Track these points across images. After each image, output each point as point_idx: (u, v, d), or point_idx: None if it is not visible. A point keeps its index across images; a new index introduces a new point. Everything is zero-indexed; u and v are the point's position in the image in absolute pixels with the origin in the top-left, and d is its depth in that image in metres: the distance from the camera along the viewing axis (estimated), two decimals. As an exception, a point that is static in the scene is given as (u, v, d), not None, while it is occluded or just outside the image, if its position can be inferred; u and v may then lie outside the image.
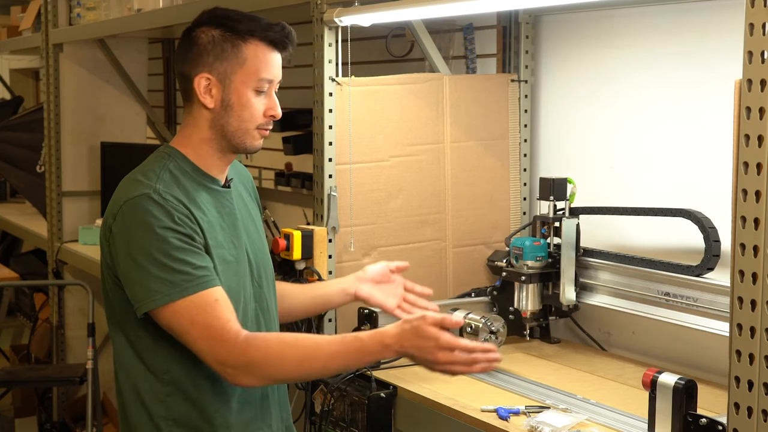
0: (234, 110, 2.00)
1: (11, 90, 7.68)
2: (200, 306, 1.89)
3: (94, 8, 4.35)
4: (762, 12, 1.49)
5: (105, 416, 4.58)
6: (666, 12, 2.56)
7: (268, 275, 2.16)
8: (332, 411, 2.43)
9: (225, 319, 1.90)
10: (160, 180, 1.97)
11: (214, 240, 1.99)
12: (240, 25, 2.00)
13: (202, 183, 2.04)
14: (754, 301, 1.53)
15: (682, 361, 2.49)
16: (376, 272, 2.39)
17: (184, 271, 1.89)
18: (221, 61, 1.99)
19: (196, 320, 1.89)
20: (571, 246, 2.59)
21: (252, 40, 1.99)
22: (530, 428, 2.00)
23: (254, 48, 1.99)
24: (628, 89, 2.68)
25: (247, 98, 2.00)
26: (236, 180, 2.17)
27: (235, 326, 1.91)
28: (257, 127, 2.03)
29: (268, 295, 2.15)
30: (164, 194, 1.93)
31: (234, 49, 1.99)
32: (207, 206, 2.02)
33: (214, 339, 1.89)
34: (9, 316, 6.31)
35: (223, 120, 2.01)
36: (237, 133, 2.02)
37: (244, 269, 2.06)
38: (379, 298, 2.37)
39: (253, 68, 1.99)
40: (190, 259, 1.90)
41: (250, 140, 2.03)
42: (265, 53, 2.00)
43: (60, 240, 4.71)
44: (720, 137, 2.39)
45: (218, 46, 1.99)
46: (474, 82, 2.88)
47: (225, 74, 1.99)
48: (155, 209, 1.90)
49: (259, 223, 2.21)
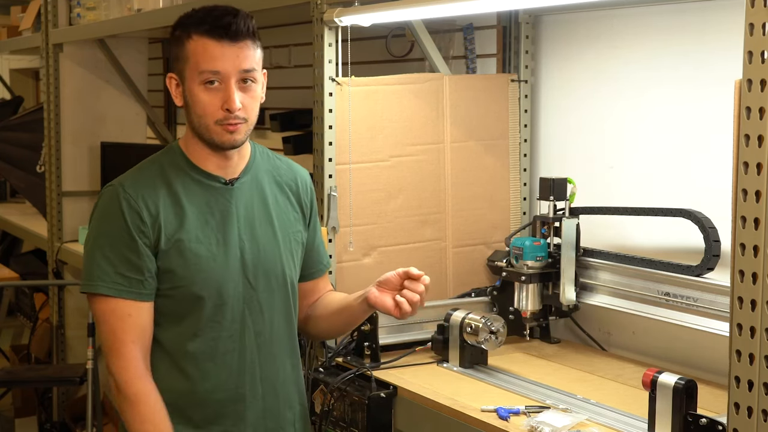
0: (191, 107, 2.03)
1: (11, 90, 7.68)
2: (113, 311, 2.00)
3: (94, 8, 4.35)
4: (762, 12, 1.49)
5: (105, 416, 4.57)
6: (666, 12, 2.56)
7: (272, 279, 2.11)
8: (332, 411, 2.43)
9: (129, 338, 1.99)
10: (140, 172, 2.06)
11: (188, 234, 2.02)
12: (188, 20, 2.02)
13: (194, 178, 2.07)
14: (754, 301, 1.53)
15: (682, 361, 2.49)
16: (390, 281, 2.16)
17: (109, 270, 1.99)
18: (177, 60, 2.04)
19: (106, 320, 2.01)
20: (571, 246, 2.59)
21: (194, 34, 2.00)
22: (530, 428, 2.00)
23: (195, 42, 1.99)
24: (628, 89, 2.68)
25: (194, 93, 2.01)
26: (267, 178, 2.14)
27: (134, 351, 1.99)
28: (216, 122, 2.00)
29: (267, 299, 2.11)
30: (127, 188, 2.02)
31: (181, 47, 2.02)
32: (193, 200, 2.04)
33: (112, 348, 2.00)
34: (9, 316, 6.30)
35: (189, 117, 2.06)
36: (200, 130, 2.03)
37: (227, 267, 2.05)
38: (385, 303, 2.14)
39: (194, 63, 1.99)
40: (120, 263, 1.99)
41: (215, 135, 2.02)
42: (205, 46, 1.98)
43: (60, 240, 4.71)
44: (720, 137, 2.38)
45: (174, 46, 2.04)
46: (474, 82, 2.88)
47: (181, 73, 2.03)
48: (112, 202, 2.01)
49: (283, 225, 2.14)
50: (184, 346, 2.04)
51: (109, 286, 1.98)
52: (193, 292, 2.02)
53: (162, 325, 2.04)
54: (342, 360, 2.54)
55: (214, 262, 2.04)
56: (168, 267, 2.01)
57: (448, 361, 2.50)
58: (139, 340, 1.99)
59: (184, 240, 2.01)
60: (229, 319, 2.06)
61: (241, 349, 2.07)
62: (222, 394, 2.06)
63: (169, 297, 2.03)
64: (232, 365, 2.07)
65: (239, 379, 2.07)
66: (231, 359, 2.06)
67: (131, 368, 1.98)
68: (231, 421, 2.08)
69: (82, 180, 4.74)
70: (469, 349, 2.47)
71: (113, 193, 2.02)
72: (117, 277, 1.98)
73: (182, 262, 2.01)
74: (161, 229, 2.00)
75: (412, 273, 2.10)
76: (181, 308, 2.04)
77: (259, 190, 2.13)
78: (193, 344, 2.04)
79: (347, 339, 2.62)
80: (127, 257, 1.98)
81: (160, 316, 2.04)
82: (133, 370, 1.98)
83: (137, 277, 1.99)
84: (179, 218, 2.02)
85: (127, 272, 1.98)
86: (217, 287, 2.04)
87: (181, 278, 2.02)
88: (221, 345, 2.06)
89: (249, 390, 2.09)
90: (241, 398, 2.08)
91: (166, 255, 2.01)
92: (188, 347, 2.04)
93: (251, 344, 2.09)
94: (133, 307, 1.99)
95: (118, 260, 1.98)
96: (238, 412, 2.08)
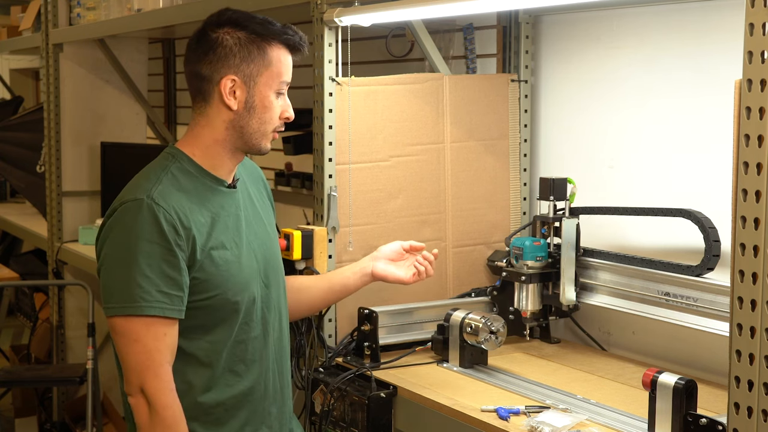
0: (257, 112, 2.03)
1: (11, 90, 7.68)
2: (150, 330, 1.91)
3: (94, 8, 4.35)
4: (762, 12, 1.49)
5: (105, 416, 4.58)
6: (666, 12, 2.56)
7: (278, 275, 2.16)
8: (332, 411, 2.43)
9: (165, 359, 1.94)
10: (160, 183, 1.98)
11: (216, 241, 2.00)
12: (262, 28, 2.02)
13: (206, 184, 2.04)
14: (754, 301, 1.53)
15: (682, 361, 2.49)
16: (390, 251, 2.43)
17: (150, 289, 1.90)
18: (248, 63, 2.01)
19: (140, 340, 1.91)
20: (571, 246, 2.59)
21: (275, 43, 2.02)
22: (530, 428, 2.00)
23: (278, 51, 2.03)
24: (628, 89, 2.68)
25: (270, 100, 2.03)
26: (245, 178, 2.18)
27: (169, 373, 1.94)
28: (275, 129, 2.07)
29: (275, 295, 2.15)
30: (158, 200, 1.93)
31: (260, 52, 2.01)
32: (209, 207, 2.02)
33: (148, 369, 1.92)
34: (9, 316, 6.30)
35: (244, 121, 2.03)
36: (255, 135, 2.04)
37: (249, 269, 2.06)
38: (396, 273, 2.41)
39: (277, 71, 2.03)
40: (161, 280, 1.91)
41: (265, 141, 2.07)
42: (286, 56, 2.05)
43: (60, 240, 4.71)
44: (720, 137, 2.39)
45: (245, 48, 2.00)
46: (474, 82, 2.88)
47: (250, 76, 2.01)
48: (144, 217, 1.91)
49: (269, 220, 2.21)
50: (218, 355, 2.03)
51: (154, 306, 1.90)
52: (228, 298, 2.01)
53: (189, 337, 2.00)
54: (342, 360, 2.54)
55: (240, 266, 2.04)
56: (203, 277, 1.98)
57: (448, 361, 2.50)
58: (172, 360, 1.96)
59: (215, 248, 2.00)
60: (255, 320, 2.07)
61: (264, 348, 2.10)
62: (254, 394, 2.08)
63: (201, 308, 1.99)
64: (261, 364, 2.09)
65: (265, 377, 2.10)
66: (259, 358, 2.09)
67: (168, 390, 1.93)
68: (260, 419, 2.10)
69: (82, 180, 4.74)
70: (469, 349, 2.47)
71: (144, 207, 1.92)
72: (160, 296, 1.90)
73: (215, 270, 1.99)
74: (195, 239, 1.96)
75: (416, 245, 2.42)
76: (214, 317, 2.01)
77: (246, 189, 2.17)
78: (227, 351, 2.03)
79: (347, 339, 2.62)
80: (167, 274, 1.92)
81: (189, 329, 1.99)
82: (170, 392, 1.93)
83: (178, 294, 1.93)
84: (206, 226, 2.00)
85: (169, 289, 1.92)
86: (248, 290, 2.05)
87: (216, 287, 1.99)
88: (251, 346, 2.07)
89: (272, 385, 2.13)
90: (267, 395, 2.11)
91: (201, 265, 1.97)
92: (223, 355, 2.03)
93: (270, 341, 2.12)
94: (169, 326, 1.93)
95: (158, 278, 1.91)
96: (266, 408, 2.11)
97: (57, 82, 4.65)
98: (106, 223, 1.98)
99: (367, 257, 2.45)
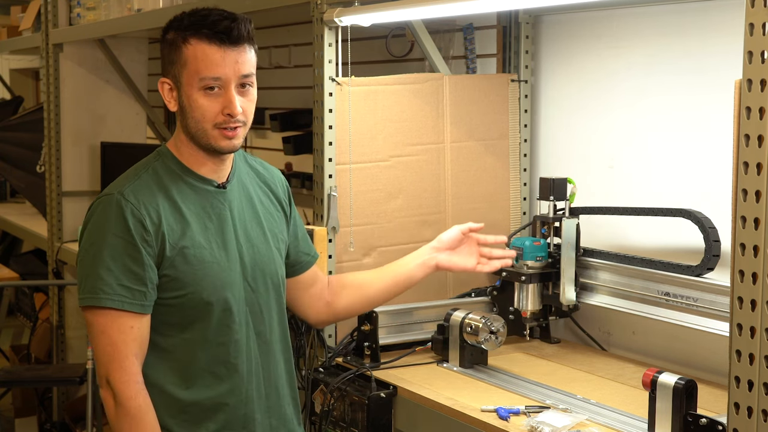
0: (188, 112, 2.01)
1: (11, 90, 7.68)
2: (115, 323, 1.94)
3: (94, 8, 4.35)
4: (762, 12, 1.49)
5: (105, 416, 4.57)
6: (666, 12, 2.56)
7: (268, 280, 2.13)
8: (332, 411, 2.43)
9: (131, 351, 1.95)
10: (138, 179, 2.01)
11: (190, 240, 2.00)
12: (184, 24, 1.99)
13: (188, 182, 2.04)
14: (754, 301, 1.53)
15: (682, 361, 2.49)
16: (451, 239, 2.41)
17: (111, 282, 1.93)
18: (171, 64, 2.01)
19: (105, 333, 1.94)
20: (571, 246, 2.59)
21: (192, 39, 1.97)
22: (530, 428, 2.00)
23: (193, 48, 1.97)
24: (628, 89, 2.68)
25: (194, 99, 1.98)
26: (250, 180, 2.16)
27: (135, 365, 1.96)
28: (215, 126, 1.99)
29: (265, 300, 2.12)
30: (128, 196, 1.96)
31: (177, 52, 1.99)
32: (190, 206, 2.03)
33: (113, 361, 1.94)
34: (9, 316, 6.30)
35: (185, 122, 2.03)
36: (197, 135, 2.01)
37: (228, 271, 2.05)
38: (460, 263, 2.41)
39: (194, 68, 1.97)
40: (123, 275, 1.93)
41: (212, 140, 2.01)
42: (204, 51, 1.96)
43: (60, 240, 4.71)
44: (720, 137, 2.39)
45: (166, 50, 2.01)
46: (474, 82, 2.88)
47: (176, 77, 2.00)
48: (112, 213, 1.95)
49: (271, 225, 2.17)
50: (194, 354, 2.02)
51: (113, 299, 1.93)
52: (202, 298, 2.00)
53: (165, 333, 2.01)
54: (342, 360, 2.54)
55: (219, 267, 2.03)
56: (173, 275, 1.98)
57: (448, 361, 2.50)
58: (139, 354, 1.97)
59: (188, 246, 1.99)
60: (236, 322, 2.05)
61: (248, 352, 2.07)
62: (234, 398, 2.06)
63: (174, 306, 2.00)
64: (242, 368, 2.06)
65: (248, 382, 2.08)
66: (240, 362, 2.06)
67: (133, 382, 1.95)
68: (241, 424, 2.08)
69: (82, 180, 4.74)
70: (469, 349, 2.47)
71: (113, 202, 1.96)
72: (120, 289, 1.93)
73: (188, 269, 1.99)
74: (165, 237, 1.97)
75: (475, 227, 2.42)
76: (188, 316, 2.01)
77: (245, 191, 2.14)
78: (204, 351, 2.03)
79: (347, 339, 2.62)
80: (130, 268, 1.94)
81: (163, 326, 2.00)
82: (134, 384, 1.95)
83: (140, 288, 1.95)
84: (181, 224, 2.00)
85: (130, 283, 1.94)
86: (223, 292, 2.03)
87: (188, 285, 1.99)
88: (231, 349, 2.05)
89: (255, 391, 2.09)
90: (250, 400, 2.08)
91: (171, 263, 1.97)
92: (199, 354, 2.02)
93: (254, 346, 2.09)
94: (135, 319, 1.95)
95: (120, 271, 1.93)
96: (248, 414, 2.08)
97: (57, 82, 4.65)
98: (85, 218, 2.03)
99: (426, 247, 2.41)
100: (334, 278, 2.41)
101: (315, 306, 2.34)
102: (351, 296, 2.36)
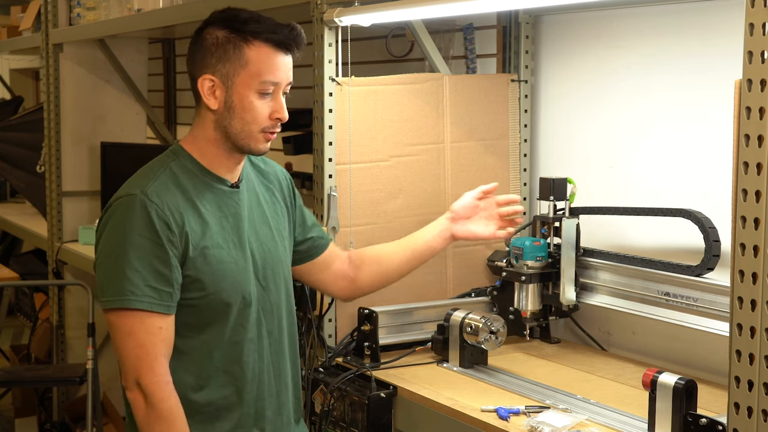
0: (236, 112, 2.00)
1: (11, 90, 7.68)
2: (143, 325, 1.92)
3: (94, 8, 4.35)
4: (762, 12, 1.49)
5: (105, 416, 4.57)
6: (666, 12, 2.56)
7: (278, 279, 2.13)
8: (332, 411, 2.43)
9: (160, 352, 1.94)
10: (156, 179, 1.98)
11: (211, 240, 2.00)
12: (245, 26, 1.98)
13: (205, 182, 2.04)
14: (754, 301, 1.53)
15: (682, 361, 2.49)
16: (465, 207, 2.42)
17: (139, 283, 1.91)
18: (224, 62, 1.98)
19: (133, 334, 1.93)
20: (571, 246, 2.59)
21: (255, 41, 1.97)
22: (530, 428, 2.00)
23: (257, 50, 1.97)
24: (628, 89, 2.68)
25: (249, 101, 1.99)
26: (254, 179, 2.16)
27: (165, 366, 1.95)
28: (262, 129, 2.01)
29: (275, 299, 2.12)
30: (151, 196, 1.94)
31: (236, 51, 1.97)
32: (207, 206, 2.02)
33: (143, 362, 1.93)
34: (9, 316, 6.30)
35: (226, 122, 2.01)
36: (240, 135, 2.01)
37: (245, 270, 2.05)
38: (479, 231, 2.42)
39: (255, 71, 1.98)
40: (151, 275, 1.92)
41: (254, 143, 2.02)
42: (268, 55, 1.98)
43: (60, 240, 4.71)
44: (720, 137, 2.39)
45: (221, 48, 1.98)
46: (474, 82, 2.88)
47: (227, 76, 1.98)
48: (136, 213, 1.93)
49: (277, 223, 2.18)
50: (210, 354, 2.02)
51: (142, 300, 1.91)
52: (222, 299, 2.00)
53: (184, 335, 2.00)
54: (342, 360, 2.55)
55: (236, 267, 2.03)
56: (195, 276, 1.97)
57: (448, 361, 2.50)
58: (168, 354, 1.96)
59: (209, 246, 1.99)
60: (250, 321, 2.06)
61: (260, 350, 2.08)
62: (247, 396, 2.07)
63: (194, 306, 1.99)
64: (255, 367, 2.07)
65: (260, 380, 2.09)
66: (253, 361, 2.07)
67: (164, 383, 1.94)
68: (252, 421, 2.08)
69: (82, 180, 4.73)
70: (469, 349, 2.47)
71: (136, 203, 1.93)
72: (148, 290, 1.91)
73: (209, 269, 1.99)
74: (188, 237, 1.96)
75: (488, 188, 2.42)
76: (207, 317, 2.01)
77: (253, 190, 2.15)
78: (219, 351, 2.03)
79: (347, 339, 2.62)
80: (156, 269, 1.92)
81: (182, 327, 1.99)
82: (165, 385, 1.94)
83: (167, 289, 1.94)
84: (201, 225, 1.99)
85: (158, 284, 1.92)
86: (241, 292, 2.03)
87: (209, 286, 1.99)
88: (245, 348, 2.05)
89: (267, 389, 2.11)
90: (261, 398, 2.10)
91: (193, 264, 1.97)
92: (214, 354, 2.03)
93: (266, 344, 2.10)
94: (163, 320, 1.94)
95: (147, 272, 1.91)
96: (259, 411, 2.09)
97: (57, 82, 4.65)
98: (102, 219, 1.99)
99: (441, 218, 2.44)
100: (354, 253, 2.41)
101: (339, 284, 2.37)
102: (371, 272, 2.38)
